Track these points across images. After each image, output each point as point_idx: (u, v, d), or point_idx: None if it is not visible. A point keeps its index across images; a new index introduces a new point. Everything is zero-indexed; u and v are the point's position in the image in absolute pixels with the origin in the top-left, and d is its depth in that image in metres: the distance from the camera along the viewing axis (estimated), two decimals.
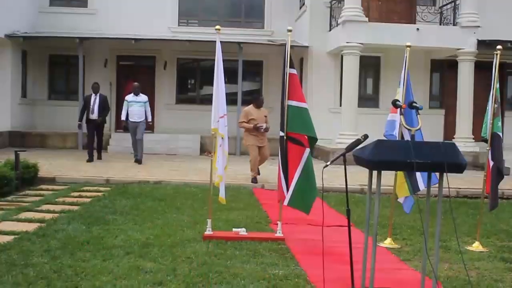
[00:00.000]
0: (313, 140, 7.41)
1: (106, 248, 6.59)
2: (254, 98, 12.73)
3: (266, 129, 12.27)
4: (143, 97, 15.31)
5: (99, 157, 15.54)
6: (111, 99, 19.46)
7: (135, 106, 15.08)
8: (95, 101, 15.00)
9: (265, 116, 12.29)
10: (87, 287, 5.20)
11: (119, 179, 12.27)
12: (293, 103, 7.39)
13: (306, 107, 7.42)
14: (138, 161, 15.19)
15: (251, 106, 12.31)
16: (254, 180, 12.49)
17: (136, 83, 15.58)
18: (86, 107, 15.12)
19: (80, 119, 15.39)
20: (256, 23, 22.09)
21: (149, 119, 15.43)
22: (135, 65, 22.02)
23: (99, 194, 10.57)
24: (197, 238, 7.29)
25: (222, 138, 7.56)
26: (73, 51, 19.56)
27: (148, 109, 15.35)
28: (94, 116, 15.00)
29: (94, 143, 15.44)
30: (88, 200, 9.87)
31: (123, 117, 15.33)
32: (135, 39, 19.17)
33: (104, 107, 15.22)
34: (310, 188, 7.32)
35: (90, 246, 6.69)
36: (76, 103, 18.97)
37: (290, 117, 7.37)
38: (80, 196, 10.22)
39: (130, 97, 15.25)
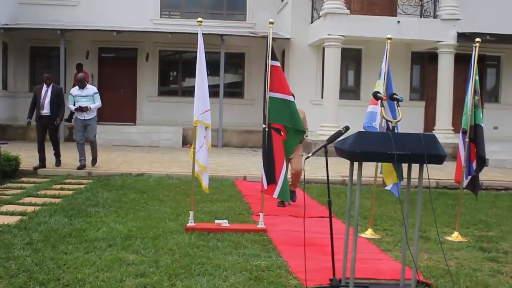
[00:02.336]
0: (300, 132, 7.55)
1: (88, 241, 6.58)
2: None
3: None
4: (90, 89, 12.65)
5: (57, 163, 12.71)
6: None
7: (82, 101, 12.40)
8: (46, 94, 12.28)
9: None
10: (69, 279, 5.20)
11: (101, 172, 12.24)
12: (277, 95, 7.46)
13: (291, 99, 7.50)
14: (83, 166, 12.50)
15: None
16: (291, 194, 9.54)
17: (80, 74, 13.13)
18: (35, 101, 12.41)
19: (30, 116, 12.43)
20: (238, 15, 22.07)
21: (92, 106, 12.44)
22: (117, 57, 21.90)
23: (81, 186, 10.53)
24: (179, 230, 7.31)
25: (206, 129, 7.60)
26: (54, 43, 19.38)
27: (98, 101, 12.62)
28: (45, 112, 12.28)
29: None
30: (70, 192, 9.82)
31: (72, 108, 12.58)
32: (117, 31, 19.04)
33: (58, 102, 12.39)
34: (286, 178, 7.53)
35: (72, 238, 6.68)
36: None
37: (274, 109, 7.44)
38: (62, 189, 10.18)
39: (75, 90, 12.61)
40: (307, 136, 9.25)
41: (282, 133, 7.44)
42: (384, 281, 5.57)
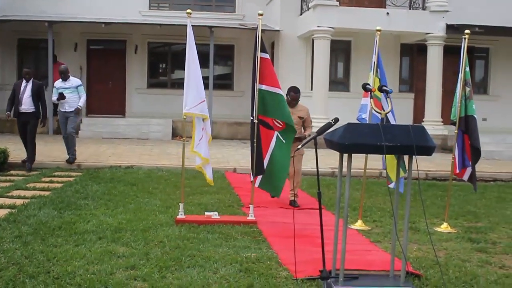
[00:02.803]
0: (290, 127, 7.49)
1: (78, 233, 6.57)
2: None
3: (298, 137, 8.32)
4: (73, 81, 12.25)
5: (29, 167, 11.66)
6: None
7: (65, 93, 12.01)
8: (25, 90, 11.77)
9: (300, 118, 8.78)
10: (59, 272, 5.19)
11: (90, 164, 12.19)
12: (263, 87, 7.44)
13: (280, 92, 7.47)
14: (69, 161, 12.21)
15: None
16: (292, 202, 8.92)
17: (62, 66, 12.75)
18: (14, 96, 11.91)
19: (8, 109, 11.91)
20: (227, 7, 21.96)
21: (80, 104, 12.14)
22: (105, 49, 21.74)
23: (71, 179, 10.50)
24: (169, 222, 7.31)
25: (204, 120, 7.57)
26: (42, 35, 19.19)
27: (83, 94, 12.27)
28: (24, 108, 11.71)
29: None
30: (60, 185, 9.79)
31: (54, 98, 12.21)
32: (105, 23, 18.93)
33: (39, 98, 11.87)
34: (278, 171, 7.47)
35: (62, 231, 6.66)
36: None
37: (261, 101, 7.43)
38: (51, 182, 10.14)
39: (58, 83, 12.24)
40: (309, 135, 8.76)
41: (280, 125, 7.43)
42: (374, 272, 5.60)
